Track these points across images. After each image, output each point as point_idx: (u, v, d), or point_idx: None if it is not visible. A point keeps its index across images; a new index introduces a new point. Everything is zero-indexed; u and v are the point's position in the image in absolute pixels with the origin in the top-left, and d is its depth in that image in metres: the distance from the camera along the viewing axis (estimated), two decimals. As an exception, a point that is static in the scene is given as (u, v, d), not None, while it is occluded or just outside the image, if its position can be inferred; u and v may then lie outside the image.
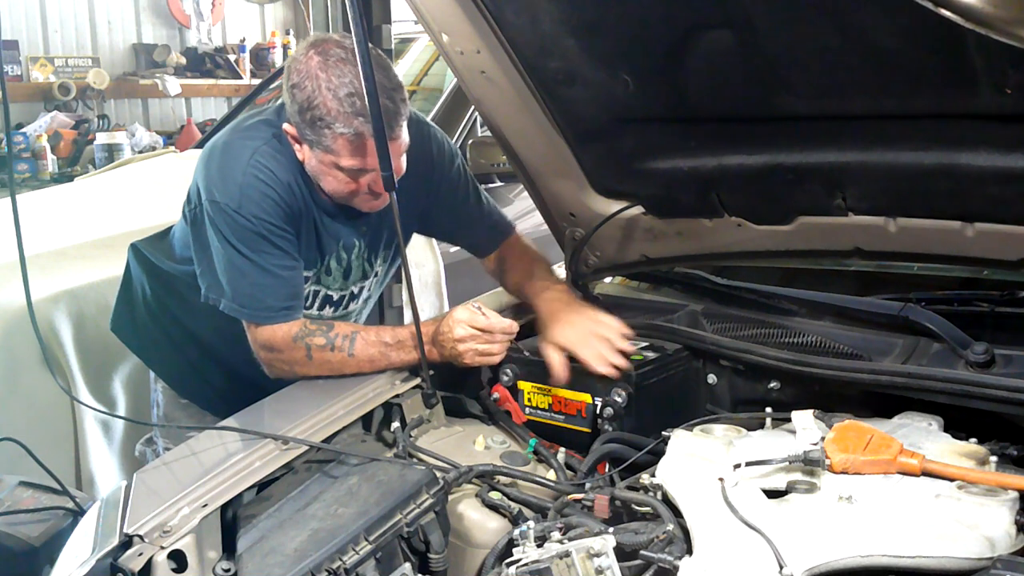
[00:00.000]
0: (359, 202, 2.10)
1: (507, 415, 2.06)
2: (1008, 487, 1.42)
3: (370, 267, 2.31)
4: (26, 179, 6.17)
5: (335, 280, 2.25)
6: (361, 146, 1.96)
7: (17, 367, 2.84)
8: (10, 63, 6.68)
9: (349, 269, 2.25)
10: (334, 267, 2.23)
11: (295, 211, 2.09)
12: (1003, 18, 1.25)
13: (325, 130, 1.96)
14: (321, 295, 2.25)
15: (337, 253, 2.21)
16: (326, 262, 2.21)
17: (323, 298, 2.26)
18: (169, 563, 1.50)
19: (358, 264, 2.27)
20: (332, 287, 2.26)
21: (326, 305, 2.28)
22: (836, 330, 1.98)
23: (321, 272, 2.22)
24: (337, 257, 2.22)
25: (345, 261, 2.24)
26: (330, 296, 2.27)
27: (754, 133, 1.90)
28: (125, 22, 7.69)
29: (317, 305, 2.26)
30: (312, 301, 2.24)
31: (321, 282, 2.24)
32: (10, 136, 3.32)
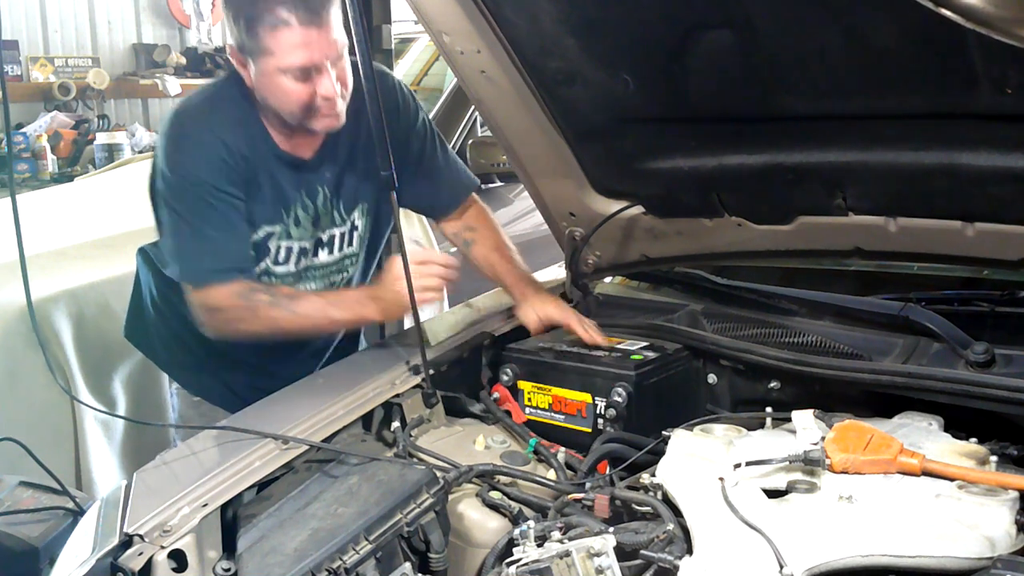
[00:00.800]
0: (316, 122, 2.05)
1: (507, 415, 2.06)
2: (1008, 487, 1.42)
3: (340, 216, 2.25)
4: (26, 179, 6.17)
5: (305, 230, 2.21)
6: (295, 35, 1.95)
7: (17, 367, 2.84)
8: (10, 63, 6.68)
9: (318, 216, 2.21)
10: (302, 216, 2.19)
11: (250, 165, 2.10)
12: (1003, 18, 1.25)
13: (256, 29, 1.96)
14: (295, 249, 2.22)
15: (302, 202, 2.18)
16: (292, 213, 2.18)
17: (297, 252, 2.22)
18: (169, 563, 1.50)
19: (326, 211, 2.22)
20: (303, 237, 2.21)
21: (301, 258, 2.24)
22: (836, 330, 1.98)
23: (290, 224, 2.18)
24: (303, 205, 2.19)
25: (312, 209, 2.20)
26: (304, 248, 2.23)
27: (754, 133, 1.90)
28: (125, 22, 7.70)
29: (293, 260, 2.22)
30: (287, 256, 2.21)
31: (292, 235, 2.20)
32: (10, 136, 3.32)
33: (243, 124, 2.11)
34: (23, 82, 6.93)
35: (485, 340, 2.19)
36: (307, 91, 2.00)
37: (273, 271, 2.21)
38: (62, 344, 2.93)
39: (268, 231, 2.17)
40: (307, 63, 1.97)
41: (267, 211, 2.15)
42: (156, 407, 3.14)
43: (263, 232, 2.17)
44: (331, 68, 1.99)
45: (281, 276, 2.23)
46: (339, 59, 2.01)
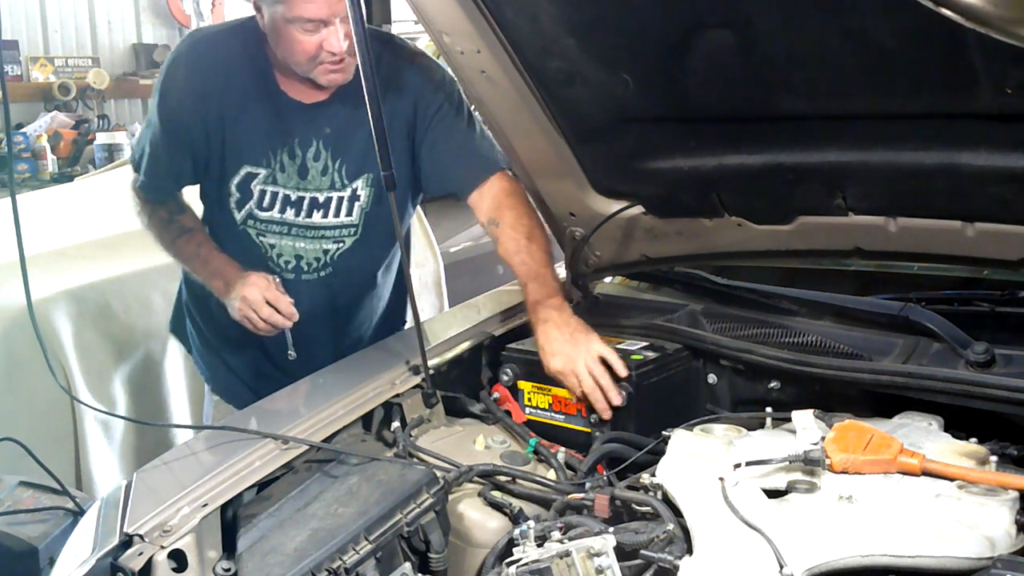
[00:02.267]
0: (320, 72, 2.09)
1: (507, 415, 2.06)
2: (1008, 487, 1.42)
3: (340, 180, 2.23)
4: (26, 179, 6.18)
5: (290, 178, 2.22)
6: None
7: (17, 367, 2.84)
8: (10, 63, 6.69)
9: (305, 168, 2.22)
10: (287, 163, 2.21)
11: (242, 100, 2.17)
12: (1004, 17, 1.25)
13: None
14: (280, 196, 2.24)
15: (291, 148, 2.20)
16: (279, 157, 2.20)
17: (283, 199, 2.24)
18: (169, 563, 1.50)
19: (318, 167, 2.22)
20: (288, 185, 2.23)
21: (287, 207, 2.25)
22: (836, 330, 1.98)
23: (276, 170, 2.21)
24: (291, 153, 2.20)
25: (300, 158, 2.21)
26: (288, 196, 2.24)
27: (754, 133, 1.90)
28: (125, 22, 7.71)
29: (278, 207, 2.25)
30: (271, 202, 2.24)
31: (277, 181, 2.22)
32: (10, 136, 3.33)
33: (249, 58, 2.17)
34: (23, 82, 6.95)
35: (485, 340, 2.19)
36: (314, 43, 2.03)
37: (257, 216, 2.25)
38: (62, 344, 2.93)
39: (250, 171, 2.21)
40: (315, 16, 1.99)
41: (252, 149, 2.20)
42: (156, 407, 3.15)
43: (244, 171, 2.21)
44: (339, 24, 2.01)
45: (266, 223, 2.26)
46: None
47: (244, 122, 2.19)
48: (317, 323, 2.34)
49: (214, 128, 2.19)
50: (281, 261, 2.30)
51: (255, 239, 2.28)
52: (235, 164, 2.21)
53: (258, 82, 2.18)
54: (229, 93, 2.18)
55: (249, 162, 2.21)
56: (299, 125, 2.20)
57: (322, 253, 2.30)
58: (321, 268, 2.32)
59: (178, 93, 2.20)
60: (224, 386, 2.53)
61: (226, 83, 2.18)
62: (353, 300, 2.42)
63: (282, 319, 2.15)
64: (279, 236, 2.27)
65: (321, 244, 2.29)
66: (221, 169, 2.23)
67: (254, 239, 2.28)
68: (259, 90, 2.19)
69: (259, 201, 2.23)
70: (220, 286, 2.22)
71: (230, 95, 2.18)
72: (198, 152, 2.22)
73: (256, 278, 2.15)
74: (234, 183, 2.23)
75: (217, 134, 2.19)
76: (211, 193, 2.30)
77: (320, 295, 2.33)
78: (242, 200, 2.24)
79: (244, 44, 2.18)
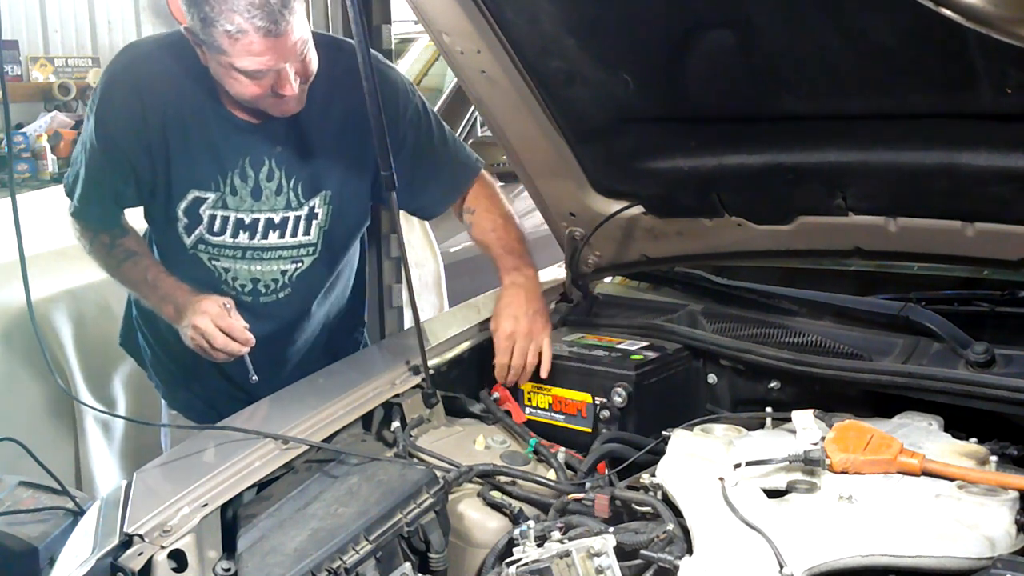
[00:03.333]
0: (268, 105, 1.97)
1: (507, 415, 2.06)
2: (1008, 487, 1.42)
3: (297, 199, 2.13)
4: (26, 179, 6.18)
5: (243, 200, 2.11)
6: (252, 44, 1.83)
7: (17, 367, 2.84)
8: (10, 63, 6.69)
9: (259, 189, 2.10)
10: (239, 185, 2.09)
11: (182, 124, 2.05)
12: (1004, 17, 1.25)
13: (211, 29, 1.85)
14: (232, 220, 2.12)
15: (242, 170, 2.09)
16: (229, 180, 2.09)
17: (235, 223, 2.13)
18: (169, 563, 1.50)
19: (271, 187, 2.11)
20: (241, 208, 2.11)
21: (239, 231, 2.14)
22: (836, 330, 1.98)
23: (226, 193, 2.09)
24: (242, 174, 2.09)
25: (252, 180, 2.09)
26: (241, 220, 2.13)
27: (754, 133, 1.90)
28: (125, 22, 7.70)
29: (230, 231, 2.14)
30: (222, 226, 2.13)
31: (228, 205, 2.11)
32: (10, 136, 3.32)
33: (189, 77, 2.03)
34: (23, 82, 6.94)
35: (485, 340, 2.18)
36: (262, 87, 1.91)
37: (209, 240, 2.14)
38: (62, 344, 2.93)
39: (198, 195, 2.09)
40: (263, 68, 1.87)
41: (200, 172, 2.08)
42: (156, 407, 3.13)
43: (191, 196, 2.09)
44: (290, 68, 1.89)
45: (218, 247, 2.15)
46: (301, 55, 1.91)
47: (190, 144, 2.07)
48: (277, 343, 2.28)
49: (157, 151, 2.06)
50: (237, 285, 2.19)
51: (207, 263, 2.17)
52: (182, 189, 2.09)
53: (202, 101, 2.05)
54: (172, 114, 2.05)
55: (197, 186, 2.09)
56: (249, 145, 2.08)
57: (280, 274, 2.21)
58: (280, 289, 2.22)
59: (116, 115, 2.06)
60: (183, 404, 2.43)
61: (168, 103, 2.04)
62: (310, 309, 2.33)
63: (237, 346, 2.02)
64: (233, 260, 2.17)
65: (279, 265, 2.20)
66: (167, 194, 2.11)
67: (206, 263, 2.17)
68: (204, 110, 2.06)
69: (209, 226, 2.12)
70: (171, 312, 2.10)
71: (173, 116, 2.05)
72: (142, 176, 2.10)
73: (207, 304, 2.03)
74: (181, 208, 2.11)
75: (161, 157, 2.07)
76: (158, 217, 2.18)
77: (280, 315, 2.26)
78: (191, 225, 2.12)
79: (184, 60, 2.02)
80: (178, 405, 2.45)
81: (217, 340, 2.01)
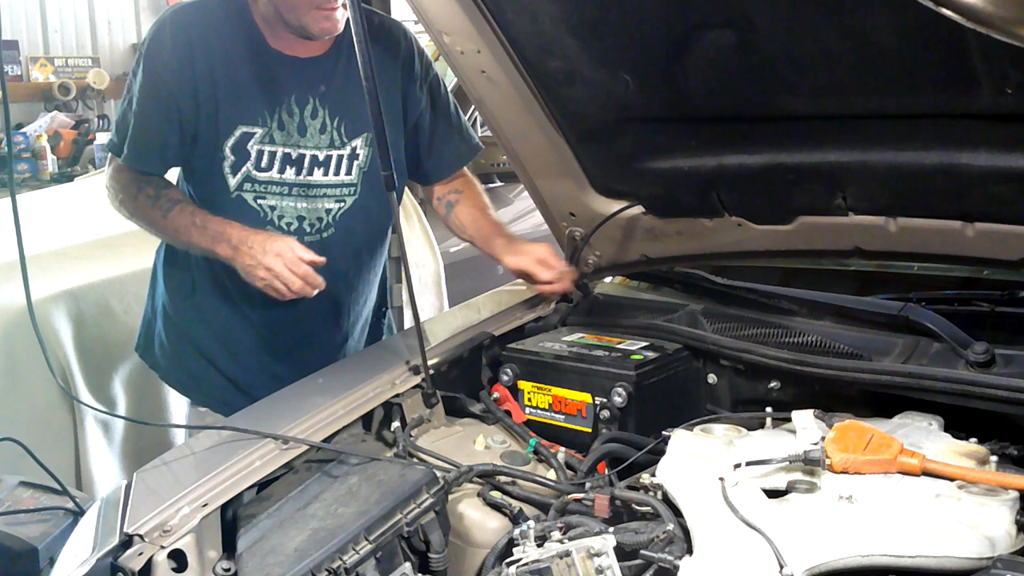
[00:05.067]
0: (314, 19, 2.09)
1: (507, 415, 2.06)
2: (1008, 487, 1.42)
3: (340, 138, 2.25)
4: (26, 179, 6.19)
5: (290, 135, 2.21)
6: None
7: (17, 367, 2.84)
8: (10, 63, 6.70)
9: (303, 125, 2.21)
10: (286, 120, 2.20)
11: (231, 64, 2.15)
12: (1004, 17, 1.25)
13: None
14: (279, 155, 2.21)
15: (288, 106, 2.19)
16: (276, 115, 2.19)
17: (282, 158, 2.22)
18: (169, 563, 1.50)
19: (316, 125, 2.22)
20: (288, 143, 2.21)
21: (286, 166, 2.23)
22: (836, 330, 1.98)
23: (273, 128, 2.19)
24: (288, 110, 2.19)
25: (298, 116, 2.20)
26: (288, 154, 2.22)
27: (754, 133, 1.90)
28: (125, 22, 7.71)
29: (277, 166, 2.22)
30: (270, 161, 2.21)
31: (275, 140, 2.20)
32: (10, 136, 3.31)
33: (234, 18, 2.17)
34: (23, 82, 6.95)
35: (485, 340, 2.18)
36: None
37: (255, 177, 2.21)
38: (62, 344, 2.93)
39: (246, 131, 2.18)
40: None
41: (248, 108, 2.17)
42: (156, 407, 3.15)
43: (239, 131, 2.18)
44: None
45: (265, 184, 2.22)
46: None
47: (237, 81, 2.17)
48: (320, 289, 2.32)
49: (205, 91, 2.16)
50: (283, 223, 2.26)
51: (252, 203, 2.23)
52: (229, 125, 2.17)
53: (247, 41, 2.17)
54: (218, 54, 2.16)
55: (244, 122, 2.18)
56: (294, 82, 2.19)
57: (324, 213, 2.28)
58: (324, 229, 2.29)
59: (165, 60, 2.16)
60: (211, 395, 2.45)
61: (214, 45, 2.16)
62: (353, 266, 2.40)
63: (311, 290, 2.09)
64: (279, 197, 2.24)
65: (323, 203, 2.27)
66: (215, 132, 2.18)
67: (251, 204, 2.23)
68: (249, 49, 2.17)
69: (257, 162, 2.20)
70: (225, 250, 2.13)
71: (219, 56, 2.16)
72: (186, 120, 2.18)
73: (281, 246, 2.07)
74: (229, 145, 2.18)
75: (208, 97, 2.16)
76: (201, 164, 2.24)
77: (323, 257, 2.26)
78: (238, 163, 2.19)
79: (227, 5, 2.18)
80: (205, 399, 2.46)
81: (295, 284, 2.07)
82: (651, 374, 1.97)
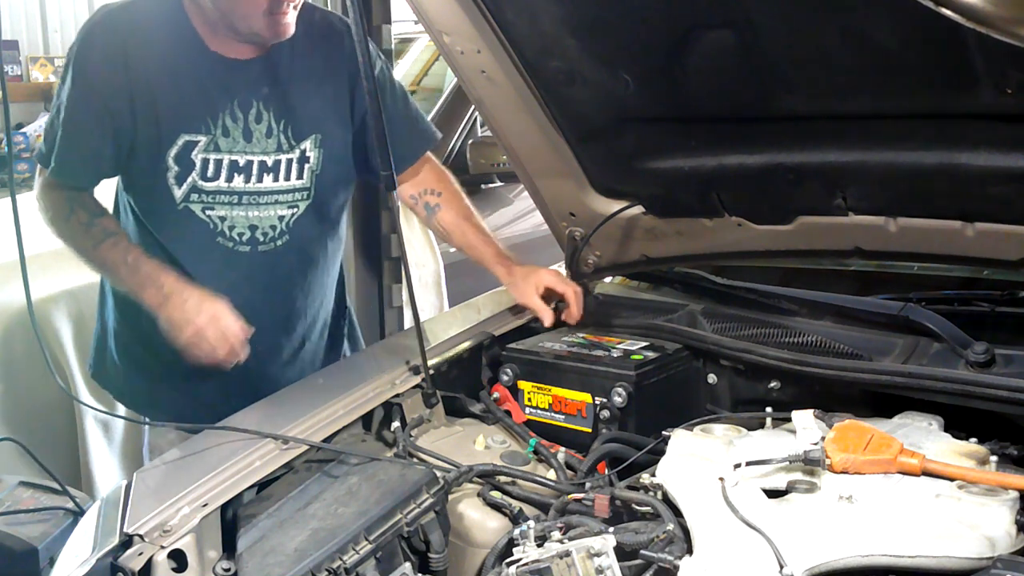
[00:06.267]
0: (264, 27, 1.99)
1: (507, 415, 2.06)
2: (1008, 487, 1.42)
3: (287, 142, 2.13)
4: (26, 179, 6.18)
5: (235, 142, 2.09)
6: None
7: (17, 367, 2.84)
8: (10, 63, 6.70)
9: (249, 131, 2.10)
10: (231, 126, 2.09)
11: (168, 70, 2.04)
12: (1004, 17, 1.25)
13: None
14: (225, 163, 2.10)
15: (232, 111, 2.08)
16: (220, 121, 2.08)
17: (229, 165, 2.10)
18: (169, 563, 1.50)
19: (261, 129, 2.11)
20: (235, 150, 2.10)
21: (234, 174, 2.11)
22: (836, 330, 1.98)
23: (217, 135, 2.08)
24: (232, 115, 2.08)
25: (242, 121, 2.09)
26: (235, 162, 2.10)
27: (754, 133, 1.90)
28: (125, 22, 7.69)
29: (224, 175, 2.10)
30: (216, 170, 2.09)
31: (221, 147, 2.09)
32: (10, 136, 3.31)
33: (169, 20, 2.06)
34: (23, 82, 6.95)
35: (485, 340, 2.18)
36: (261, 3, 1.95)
37: (202, 188, 2.10)
38: (62, 344, 2.93)
39: (189, 139, 2.06)
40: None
41: (190, 115, 2.06)
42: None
43: (182, 140, 2.06)
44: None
45: (213, 194, 2.10)
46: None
47: (177, 87, 2.05)
48: (277, 296, 2.25)
49: (142, 98, 2.03)
50: (234, 234, 2.14)
51: (201, 215, 2.11)
52: (171, 134, 2.05)
53: (184, 43, 2.06)
54: (155, 59, 2.04)
55: (187, 130, 2.06)
56: (236, 85, 2.09)
57: (277, 220, 2.17)
58: (278, 237, 2.18)
59: (97, 66, 2.03)
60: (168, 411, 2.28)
61: (151, 48, 2.03)
62: (309, 270, 2.30)
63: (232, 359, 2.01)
64: (229, 207, 2.12)
65: (275, 210, 2.16)
66: (156, 142, 2.06)
67: (199, 215, 2.11)
68: (187, 51, 2.06)
69: (202, 171, 2.08)
70: (153, 295, 2.01)
71: (156, 61, 2.04)
72: (122, 130, 2.05)
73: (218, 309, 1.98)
74: (171, 155, 2.06)
75: (146, 104, 2.04)
76: (142, 176, 2.11)
77: (279, 266, 2.22)
78: (182, 173, 2.07)
79: (161, 6, 2.07)
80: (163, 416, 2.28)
81: (220, 352, 1.99)
82: (651, 374, 1.97)
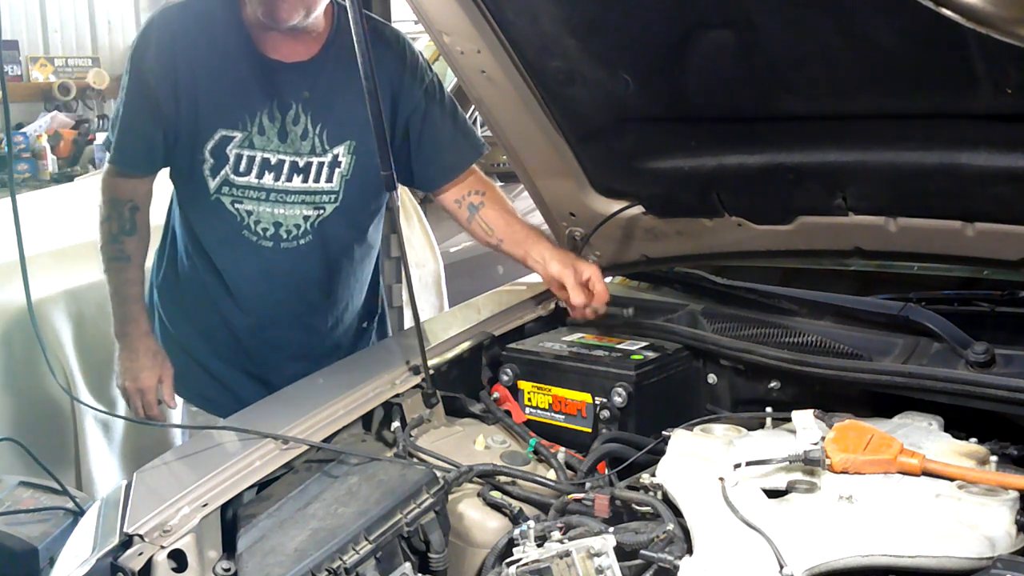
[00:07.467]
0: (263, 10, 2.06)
1: (507, 415, 2.06)
2: (1008, 487, 1.42)
3: (321, 145, 2.21)
4: (26, 179, 6.19)
5: (269, 140, 2.18)
6: None
7: (17, 367, 2.84)
8: (10, 63, 6.70)
9: (284, 132, 2.18)
10: (267, 125, 2.17)
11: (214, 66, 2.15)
12: (1004, 17, 1.25)
13: None
14: (257, 160, 2.18)
15: (270, 111, 2.17)
16: (257, 119, 2.16)
17: (260, 163, 2.19)
18: (169, 563, 1.50)
19: (297, 131, 2.18)
20: (268, 148, 2.18)
21: (264, 171, 2.19)
22: (836, 330, 1.98)
23: (253, 133, 2.17)
24: (270, 115, 2.17)
25: (279, 121, 2.17)
26: (267, 160, 2.19)
27: (754, 133, 1.90)
28: (125, 22, 7.70)
29: (255, 172, 2.19)
30: (248, 166, 2.19)
31: (255, 145, 2.17)
32: (10, 136, 3.31)
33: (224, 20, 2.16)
34: (23, 82, 6.95)
35: (485, 340, 2.18)
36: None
37: (233, 181, 2.19)
38: (62, 344, 2.93)
39: (225, 134, 2.16)
40: None
41: (228, 111, 2.16)
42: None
43: (219, 135, 2.16)
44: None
45: (243, 188, 2.20)
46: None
47: (219, 84, 2.15)
48: (296, 294, 2.32)
49: (185, 91, 2.14)
50: (259, 228, 2.23)
51: (230, 208, 2.22)
52: (209, 128, 2.16)
53: (233, 43, 2.16)
54: (202, 56, 2.15)
55: (224, 125, 2.16)
56: (277, 86, 2.17)
57: (302, 220, 2.25)
58: (301, 236, 2.26)
59: (148, 60, 2.16)
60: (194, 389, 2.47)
61: (198, 46, 2.15)
62: (332, 273, 2.36)
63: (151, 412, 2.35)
64: (256, 202, 2.22)
65: (301, 210, 2.24)
66: (195, 135, 2.17)
67: (228, 208, 2.22)
68: (236, 50, 2.16)
69: (235, 166, 2.18)
70: (117, 332, 2.33)
71: (202, 58, 2.15)
72: (168, 119, 2.16)
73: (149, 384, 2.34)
74: (208, 148, 2.17)
75: (189, 99, 2.15)
76: (182, 165, 2.23)
77: (300, 264, 2.28)
78: (216, 166, 2.18)
79: (218, 6, 2.17)
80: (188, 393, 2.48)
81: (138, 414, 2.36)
82: (651, 374, 1.97)
